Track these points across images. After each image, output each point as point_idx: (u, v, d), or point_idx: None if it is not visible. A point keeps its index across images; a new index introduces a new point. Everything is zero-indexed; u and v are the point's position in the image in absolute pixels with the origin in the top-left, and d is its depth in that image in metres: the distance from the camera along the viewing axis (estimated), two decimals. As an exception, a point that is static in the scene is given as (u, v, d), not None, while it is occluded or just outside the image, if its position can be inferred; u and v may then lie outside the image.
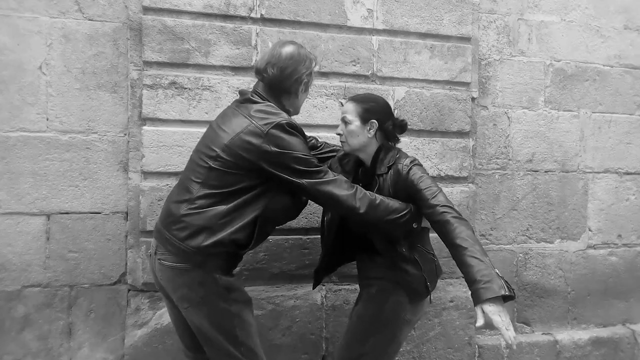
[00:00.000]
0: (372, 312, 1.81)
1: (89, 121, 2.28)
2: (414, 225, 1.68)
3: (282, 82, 1.65)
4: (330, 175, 1.61)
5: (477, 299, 1.39)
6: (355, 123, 1.74)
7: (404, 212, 1.65)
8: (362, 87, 2.38)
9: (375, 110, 1.76)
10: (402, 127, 1.81)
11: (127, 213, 2.28)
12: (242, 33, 2.25)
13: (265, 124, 1.54)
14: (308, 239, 2.33)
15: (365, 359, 1.77)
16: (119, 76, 2.31)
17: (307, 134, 2.30)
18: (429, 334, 2.47)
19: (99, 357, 2.30)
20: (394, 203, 1.66)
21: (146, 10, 2.16)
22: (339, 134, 1.80)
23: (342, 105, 2.35)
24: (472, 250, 1.44)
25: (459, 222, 1.52)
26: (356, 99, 1.80)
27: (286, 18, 2.29)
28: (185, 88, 2.19)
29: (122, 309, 2.29)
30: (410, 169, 1.69)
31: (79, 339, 2.28)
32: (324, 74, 2.35)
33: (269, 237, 2.26)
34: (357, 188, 1.62)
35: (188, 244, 1.53)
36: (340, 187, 1.59)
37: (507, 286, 1.38)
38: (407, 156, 1.76)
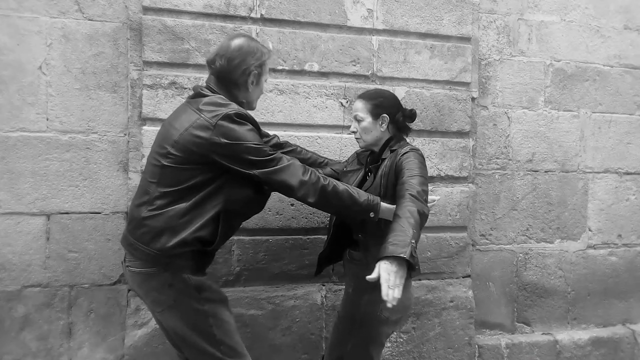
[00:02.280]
0: (349, 313, 1.83)
1: (89, 121, 2.28)
2: (371, 215, 1.65)
3: (229, 74, 1.62)
4: (284, 162, 1.58)
5: (379, 256, 1.40)
6: (367, 120, 1.80)
7: (357, 202, 1.62)
8: (362, 87, 2.38)
9: (384, 105, 1.81)
10: (411, 116, 1.86)
11: (127, 213, 2.28)
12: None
13: (214, 116, 1.51)
14: (308, 239, 2.33)
15: (347, 359, 1.79)
16: (119, 76, 2.31)
17: (307, 134, 2.32)
18: (429, 334, 2.47)
19: (99, 357, 2.30)
20: (350, 192, 1.63)
21: (146, 10, 2.16)
22: (353, 132, 1.85)
23: (342, 105, 2.36)
24: (403, 220, 1.46)
25: (412, 200, 1.53)
26: (365, 96, 1.84)
27: (286, 18, 2.29)
28: (185, 88, 2.19)
29: (122, 309, 2.29)
30: (407, 152, 1.72)
31: (79, 339, 2.28)
32: (324, 74, 2.35)
33: (269, 238, 2.28)
34: (311, 174, 1.59)
35: (152, 247, 1.51)
36: (293, 175, 1.57)
37: (411, 254, 1.37)
38: (412, 146, 1.80)
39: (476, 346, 2.60)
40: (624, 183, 3.02)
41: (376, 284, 1.74)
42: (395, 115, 1.81)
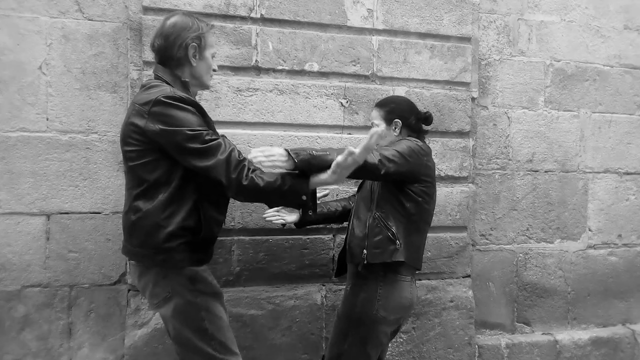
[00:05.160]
0: (347, 311, 1.84)
1: (89, 121, 2.28)
2: (303, 198, 1.53)
3: (167, 50, 1.58)
4: (219, 153, 1.46)
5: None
6: (382, 126, 1.87)
7: (281, 191, 1.49)
8: (362, 87, 2.38)
9: (396, 110, 1.87)
10: (426, 119, 1.91)
11: (127, 213, 2.28)
12: (242, 33, 2.25)
13: (145, 103, 1.46)
14: (308, 239, 2.33)
15: (344, 358, 1.80)
16: (119, 76, 2.31)
17: (307, 134, 2.32)
18: (429, 334, 2.47)
19: (99, 357, 2.30)
20: (274, 185, 1.48)
21: (146, 10, 2.16)
22: None
23: (342, 105, 2.37)
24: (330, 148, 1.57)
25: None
26: (379, 104, 1.93)
27: (286, 18, 2.29)
28: (185, 88, 2.19)
29: (122, 309, 2.29)
30: (402, 139, 1.79)
31: (79, 339, 2.28)
32: (324, 74, 2.35)
33: (269, 238, 2.28)
34: (239, 172, 1.46)
35: (146, 247, 1.52)
36: (224, 173, 1.46)
37: (296, 152, 1.48)
38: (416, 140, 1.84)
39: (476, 346, 2.60)
40: (624, 183, 3.02)
41: (371, 285, 1.76)
42: (408, 119, 1.86)
